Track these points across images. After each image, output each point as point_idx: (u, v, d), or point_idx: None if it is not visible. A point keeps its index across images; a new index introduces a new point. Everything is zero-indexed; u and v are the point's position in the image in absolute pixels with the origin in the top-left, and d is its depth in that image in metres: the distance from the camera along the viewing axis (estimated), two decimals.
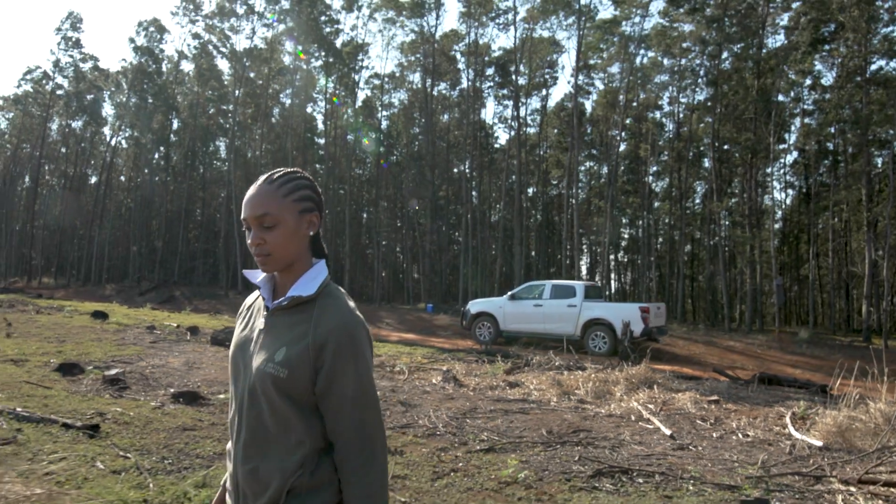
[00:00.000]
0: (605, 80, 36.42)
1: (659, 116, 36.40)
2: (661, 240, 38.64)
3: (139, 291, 31.77)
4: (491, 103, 65.31)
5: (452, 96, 38.78)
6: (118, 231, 44.81)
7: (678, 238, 32.95)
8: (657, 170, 36.77)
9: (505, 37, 73.71)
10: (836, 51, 24.09)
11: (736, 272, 31.92)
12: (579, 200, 31.93)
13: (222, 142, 43.07)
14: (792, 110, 30.03)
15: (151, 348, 9.17)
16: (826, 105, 25.82)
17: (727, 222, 31.81)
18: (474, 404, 6.38)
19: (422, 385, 7.59)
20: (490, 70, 35.99)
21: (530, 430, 5.35)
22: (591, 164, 40.77)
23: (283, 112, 39.87)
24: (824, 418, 5.55)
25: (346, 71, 35.87)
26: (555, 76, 45.97)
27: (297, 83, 36.75)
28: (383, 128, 38.28)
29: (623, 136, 34.12)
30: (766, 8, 25.32)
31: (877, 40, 22.44)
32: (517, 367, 9.46)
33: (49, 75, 40.34)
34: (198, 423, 4.88)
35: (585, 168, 39.96)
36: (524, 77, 35.29)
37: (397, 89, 39.80)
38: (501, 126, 47.31)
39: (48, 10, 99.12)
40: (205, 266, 41.21)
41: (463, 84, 36.75)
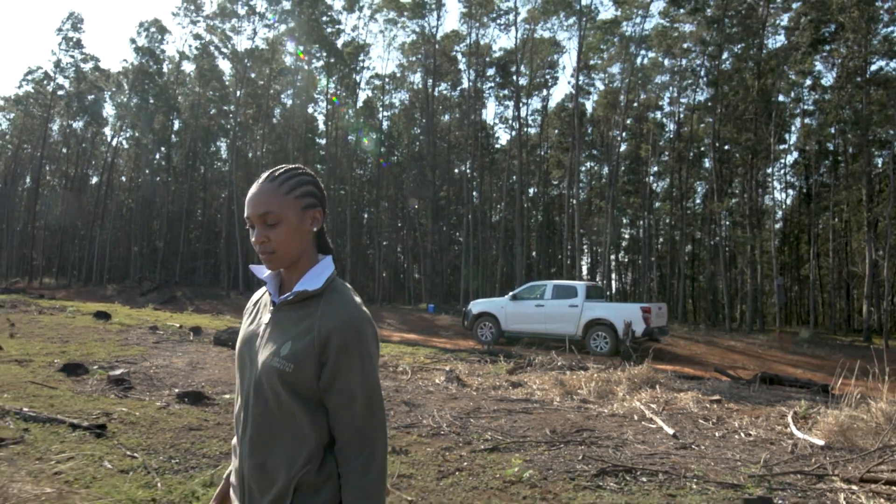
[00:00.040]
0: (605, 80, 36.48)
1: (659, 117, 36.42)
2: (661, 240, 38.60)
3: (140, 292, 31.76)
4: (492, 104, 65.63)
5: (453, 97, 38.82)
6: (119, 231, 44.79)
7: (679, 238, 32.95)
8: (658, 170, 36.76)
9: (506, 37, 73.57)
10: (837, 51, 24.10)
11: (736, 272, 31.90)
12: (580, 201, 31.92)
13: (223, 142, 43.11)
14: (792, 111, 30.06)
15: (155, 349, 9.19)
16: (826, 105, 25.82)
17: (728, 222, 31.84)
18: (478, 404, 6.41)
19: (425, 385, 7.62)
20: (491, 70, 36.02)
21: (534, 429, 5.37)
22: (591, 164, 40.75)
23: (285, 112, 39.88)
24: (826, 418, 5.58)
25: (347, 71, 35.90)
26: (555, 76, 46.12)
27: (298, 84, 36.75)
28: (384, 128, 38.29)
29: (624, 137, 34.11)
30: (766, 9, 25.35)
31: (877, 41, 22.47)
32: (520, 367, 9.48)
33: (50, 76, 40.38)
34: (203, 423, 4.91)
35: (586, 168, 39.95)
36: (525, 77, 35.30)
37: (398, 90, 39.87)
38: (502, 126, 47.32)
39: (49, 10, 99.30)
40: (206, 266, 41.24)
41: (464, 84, 36.83)
